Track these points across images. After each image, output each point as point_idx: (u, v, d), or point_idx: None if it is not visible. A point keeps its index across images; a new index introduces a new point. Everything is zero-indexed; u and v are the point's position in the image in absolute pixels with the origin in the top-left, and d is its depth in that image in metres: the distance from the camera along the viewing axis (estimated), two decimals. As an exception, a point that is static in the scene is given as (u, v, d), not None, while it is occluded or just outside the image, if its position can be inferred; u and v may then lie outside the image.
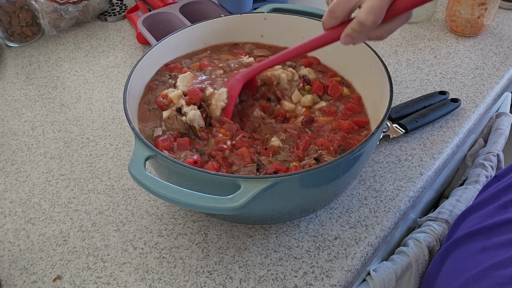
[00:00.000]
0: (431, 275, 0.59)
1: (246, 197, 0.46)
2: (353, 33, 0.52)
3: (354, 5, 0.51)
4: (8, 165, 0.71)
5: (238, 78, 0.64)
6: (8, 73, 0.91)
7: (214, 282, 0.55)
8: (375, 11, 0.49)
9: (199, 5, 0.97)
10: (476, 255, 0.50)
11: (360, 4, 0.50)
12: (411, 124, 0.71)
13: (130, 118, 0.55)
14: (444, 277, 0.54)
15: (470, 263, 0.50)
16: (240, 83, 0.64)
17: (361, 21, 0.50)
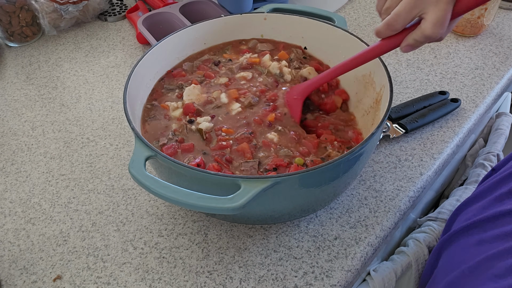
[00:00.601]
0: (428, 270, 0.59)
1: (246, 197, 0.46)
2: (416, 43, 0.52)
3: (414, 16, 0.50)
4: (8, 165, 0.71)
5: (296, 97, 0.63)
6: (8, 73, 0.91)
7: (214, 282, 0.55)
8: (442, 23, 0.49)
9: (199, 5, 0.97)
10: (472, 248, 0.50)
11: (422, 15, 0.50)
12: (411, 124, 0.71)
13: (130, 118, 0.55)
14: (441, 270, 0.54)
15: (466, 256, 0.50)
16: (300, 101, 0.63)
17: (428, 34, 0.50)
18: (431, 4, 0.48)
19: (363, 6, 1.03)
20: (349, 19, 0.99)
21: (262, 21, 0.74)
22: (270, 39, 0.76)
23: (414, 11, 0.50)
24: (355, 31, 0.95)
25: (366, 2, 1.05)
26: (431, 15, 0.49)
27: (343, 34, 0.68)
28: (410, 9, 0.50)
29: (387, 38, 0.54)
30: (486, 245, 0.48)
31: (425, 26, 0.50)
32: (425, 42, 0.51)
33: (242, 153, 0.58)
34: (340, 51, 0.71)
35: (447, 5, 0.48)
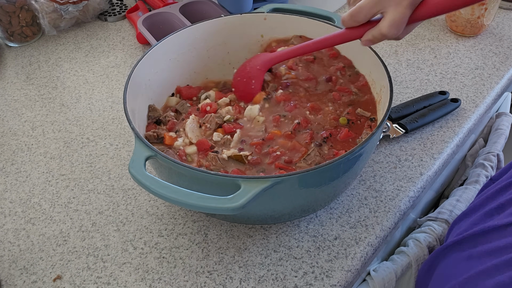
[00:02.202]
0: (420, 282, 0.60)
1: (246, 197, 0.46)
2: (374, 39, 0.55)
3: (376, 12, 0.54)
4: (8, 165, 0.71)
5: (260, 67, 0.66)
6: (8, 73, 0.91)
7: (214, 282, 0.55)
8: (398, 25, 0.52)
9: (199, 5, 0.97)
10: (463, 263, 0.50)
11: (382, 12, 0.53)
12: (411, 124, 0.71)
13: (130, 118, 0.55)
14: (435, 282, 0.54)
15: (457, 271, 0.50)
16: (262, 72, 0.66)
17: (384, 33, 0.53)
18: (392, 5, 0.51)
19: (363, 6, 1.03)
20: (349, 19, 0.99)
21: (262, 21, 0.74)
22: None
23: (376, 8, 0.53)
24: (355, 31, 0.95)
25: (366, 2, 1.05)
26: (389, 15, 0.52)
27: (343, 34, 0.68)
28: (372, 6, 0.53)
29: (351, 28, 0.57)
30: (475, 260, 0.49)
31: (383, 24, 0.53)
32: (382, 39, 0.54)
33: (296, 150, 0.59)
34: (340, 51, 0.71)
35: (406, 9, 0.51)
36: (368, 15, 0.54)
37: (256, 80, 0.66)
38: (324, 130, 0.62)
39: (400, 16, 0.52)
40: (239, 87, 0.69)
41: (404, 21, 0.52)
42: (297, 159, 0.58)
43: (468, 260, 0.50)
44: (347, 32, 0.58)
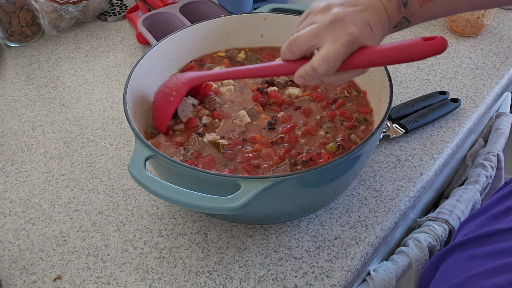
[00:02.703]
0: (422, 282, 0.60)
1: (246, 197, 0.46)
2: (306, 75, 0.51)
3: (312, 46, 0.50)
4: (8, 165, 0.71)
5: (185, 81, 0.62)
6: (8, 73, 0.91)
7: (214, 282, 0.55)
8: (329, 61, 0.48)
9: (199, 5, 0.97)
10: (465, 263, 0.50)
11: (319, 47, 0.50)
12: (411, 124, 0.71)
13: (130, 118, 0.55)
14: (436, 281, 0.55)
15: (458, 270, 0.50)
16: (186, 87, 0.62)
17: (314, 67, 0.49)
18: (329, 40, 0.48)
19: (363, 6, 1.03)
20: (349, 19, 0.99)
21: (262, 21, 0.74)
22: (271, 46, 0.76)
23: (313, 40, 0.49)
24: (355, 31, 0.95)
25: (366, 2, 1.05)
26: (323, 49, 0.49)
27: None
28: (310, 37, 0.49)
29: (288, 61, 0.53)
30: (477, 261, 0.49)
31: (315, 58, 0.49)
32: (313, 77, 0.50)
33: (269, 157, 0.58)
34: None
35: (342, 47, 0.48)
36: (304, 46, 0.50)
37: (177, 94, 0.62)
38: (306, 152, 0.59)
39: (334, 52, 0.48)
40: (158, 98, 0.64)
41: (337, 59, 0.48)
42: (267, 166, 0.57)
43: (469, 261, 0.50)
44: (283, 65, 0.54)
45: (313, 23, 0.50)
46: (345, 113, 0.65)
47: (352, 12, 0.48)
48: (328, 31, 0.48)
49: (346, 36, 0.47)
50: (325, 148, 0.60)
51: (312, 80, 0.52)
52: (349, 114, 0.65)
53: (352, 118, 0.64)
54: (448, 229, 0.70)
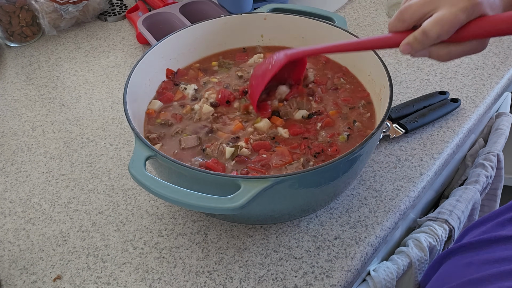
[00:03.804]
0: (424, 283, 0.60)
1: (246, 197, 0.46)
2: (414, 42, 0.47)
3: (426, 13, 0.46)
4: (8, 165, 0.71)
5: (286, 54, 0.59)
6: (8, 73, 0.91)
7: (214, 282, 0.55)
8: (444, 24, 0.44)
9: (199, 5, 0.97)
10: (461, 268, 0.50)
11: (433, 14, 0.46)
12: (411, 124, 0.71)
13: (130, 118, 0.55)
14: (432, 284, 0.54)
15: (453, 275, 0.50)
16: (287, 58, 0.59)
17: (425, 30, 0.45)
18: (445, 5, 0.44)
19: (363, 6, 1.03)
20: (349, 19, 0.99)
21: (262, 21, 0.74)
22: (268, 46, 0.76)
23: (427, 6, 0.46)
24: (355, 31, 0.95)
25: (366, 2, 1.05)
26: (439, 13, 0.45)
27: (343, 34, 0.68)
28: (423, 3, 0.46)
29: (396, 32, 0.50)
30: (473, 267, 0.48)
31: (427, 21, 0.45)
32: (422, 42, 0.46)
33: (282, 155, 0.58)
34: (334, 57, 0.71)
35: (460, 12, 0.44)
36: (417, 13, 0.46)
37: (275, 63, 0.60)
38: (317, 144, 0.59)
39: (451, 16, 0.44)
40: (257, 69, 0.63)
41: (452, 23, 0.44)
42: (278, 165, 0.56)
43: (466, 267, 0.50)
44: (390, 37, 0.50)
45: None
46: (348, 99, 0.66)
47: None
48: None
49: (466, 1, 0.44)
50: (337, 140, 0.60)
51: (421, 49, 0.47)
52: (351, 99, 0.66)
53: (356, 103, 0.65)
54: (448, 229, 0.70)
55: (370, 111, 0.64)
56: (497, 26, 0.44)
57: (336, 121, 0.63)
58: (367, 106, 0.65)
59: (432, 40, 0.46)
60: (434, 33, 0.45)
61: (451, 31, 0.45)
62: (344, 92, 0.67)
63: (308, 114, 0.63)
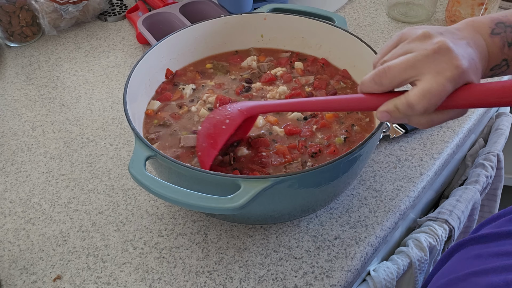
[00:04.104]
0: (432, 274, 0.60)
1: (246, 197, 0.46)
2: (395, 111, 0.44)
3: (407, 78, 0.43)
4: (8, 165, 0.71)
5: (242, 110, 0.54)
6: (8, 73, 0.91)
7: (214, 282, 0.55)
8: (431, 97, 0.41)
9: (199, 5, 0.97)
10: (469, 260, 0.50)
11: (415, 81, 0.42)
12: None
13: (130, 118, 0.55)
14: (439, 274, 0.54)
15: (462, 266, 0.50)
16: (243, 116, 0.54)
17: (411, 103, 0.42)
18: (430, 73, 0.41)
19: (363, 6, 1.03)
20: (349, 19, 0.99)
21: (262, 21, 0.74)
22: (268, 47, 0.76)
23: (409, 72, 0.42)
24: (355, 31, 0.95)
25: (366, 2, 1.05)
26: (424, 83, 0.41)
27: (343, 34, 0.68)
28: (405, 68, 0.42)
29: (369, 94, 0.46)
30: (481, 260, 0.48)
31: (413, 92, 0.42)
32: (405, 113, 0.43)
33: (282, 155, 0.58)
34: (340, 51, 0.71)
35: (447, 83, 0.41)
36: (397, 79, 0.43)
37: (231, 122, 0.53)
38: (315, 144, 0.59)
39: (438, 88, 0.40)
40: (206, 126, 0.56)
41: (440, 96, 0.41)
42: (278, 164, 0.57)
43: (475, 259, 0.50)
44: (363, 99, 0.46)
45: (408, 51, 0.43)
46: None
47: (460, 44, 0.42)
48: (430, 62, 0.41)
49: (453, 69, 0.41)
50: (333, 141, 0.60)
51: (401, 118, 0.45)
52: None
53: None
54: (448, 229, 0.70)
55: (369, 116, 0.64)
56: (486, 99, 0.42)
57: (332, 124, 0.62)
58: (366, 112, 0.64)
59: (418, 113, 0.43)
60: (421, 107, 0.42)
61: (438, 103, 0.42)
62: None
63: (304, 117, 0.63)
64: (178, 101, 0.67)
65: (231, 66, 0.73)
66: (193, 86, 0.69)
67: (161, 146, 0.60)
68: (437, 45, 0.42)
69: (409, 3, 0.98)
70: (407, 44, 0.44)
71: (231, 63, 0.74)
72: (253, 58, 0.73)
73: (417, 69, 0.42)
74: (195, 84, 0.70)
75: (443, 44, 0.41)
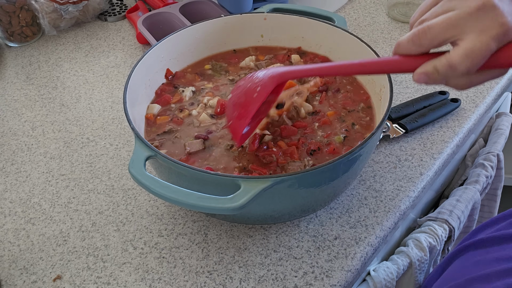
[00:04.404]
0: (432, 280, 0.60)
1: (246, 197, 0.46)
2: (434, 73, 0.42)
3: (448, 38, 0.41)
4: (8, 165, 0.71)
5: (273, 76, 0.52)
6: (8, 73, 0.91)
7: (214, 282, 0.55)
8: (474, 57, 0.40)
9: (199, 5, 0.97)
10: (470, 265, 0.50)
11: (457, 40, 0.41)
12: (411, 124, 0.71)
13: (130, 118, 0.55)
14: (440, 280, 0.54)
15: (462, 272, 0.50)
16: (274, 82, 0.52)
17: (453, 64, 0.40)
18: (473, 32, 0.39)
19: (363, 6, 1.03)
20: (349, 19, 0.99)
21: (262, 21, 0.74)
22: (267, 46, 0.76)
23: (451, 31, 0.40)
24: (355, 31, 0.95)
25: (366, 2, 1.05)
26: (467, 42, 0.40)
27: (343, 34, 0.68)
28: (447, 27, 0.40)
29: (406, 56, 0.44)
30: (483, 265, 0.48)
31: (455, 53, 0.40)
32: (445, 75, 0.42)
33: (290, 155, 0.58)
34: (340, 51, 0.71)
35: (491, 41, 0.39)
36: (437, 38, 0.41)
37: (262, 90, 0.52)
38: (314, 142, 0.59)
39: (482, 47, 0.39)
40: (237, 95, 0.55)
41: (484, 55, 0.39)
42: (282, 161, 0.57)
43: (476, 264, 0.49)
44: (400, 60, 0.44)
45: (449, 9, 0.41)
46: (347, 102, 0.65)
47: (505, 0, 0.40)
48: (474, 20, 0.39)
49: (498, 27, 0.39)
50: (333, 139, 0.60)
51: (439, 80, 0.43)
52: (351, 102, 0.66)
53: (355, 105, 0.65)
54: (448, 229, 0.70)
55: (369, 115, 0.64)
56: None
57: (333, 122, 0.63)
58: (367, 110, 0.64)
59: (459, 74, 0.41)
60: (463, 67, 0.40)
61: (481, 64, 0.40)
62: (346, 94, 0.67)
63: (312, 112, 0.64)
64: (178, 104, 0.67)
65: (230, 66, 0.73)
66: (192, 89, 0.69)
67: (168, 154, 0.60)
68: (481, 1, 0.39)
69: (409, 3, 0.98)
70: (448, 1, 0.42)
71: (230, 63, 0.74)
72: (251, 58, 0.73)
73: (460, 27, 0.40)
74: (195, 86, 0.70)
75: (487, 1, 0.39)
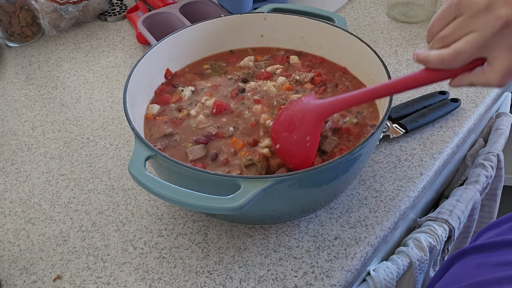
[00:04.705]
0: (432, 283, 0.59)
1: (246, 197, 0.46)
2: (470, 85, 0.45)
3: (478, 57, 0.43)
4: (8, 165, 0.71)
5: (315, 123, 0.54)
6: (8, 73, 0.91)
7: (214, 282, 0.55)
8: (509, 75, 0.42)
9: (199, 5, 0.97)
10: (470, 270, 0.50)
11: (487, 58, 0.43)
12: (411, 124, 0.71)
13: (130, 118, 0.55)
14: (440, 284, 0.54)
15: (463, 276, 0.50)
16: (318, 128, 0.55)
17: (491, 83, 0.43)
18: (503, 49, 0.41)
19: (363, 6, 1.03)
20: (349, 19, 0.99)
21: (262, 21, 0.74)
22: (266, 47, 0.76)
23: (480, 53, 0.42)
24: (355, 31, 0.95)
25: (366, 2, 1.05)
26: (501, 62, 0.41)
27: (343, 34, 0.68)
28: (476, 51, 0.42)
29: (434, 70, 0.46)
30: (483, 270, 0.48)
31: (492, 75, 0.42)
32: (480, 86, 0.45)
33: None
34: (340, 51, 0.71)
35: None
36: (468, 60, 0.43)
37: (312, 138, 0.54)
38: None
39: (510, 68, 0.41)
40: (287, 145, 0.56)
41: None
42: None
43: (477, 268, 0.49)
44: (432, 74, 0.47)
45: (472, 30, 0.42)
46: None
47: None
48: (500, 38, 0.41)
49: None
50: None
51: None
52: None
53: None
54: (448, 229, 0.70)
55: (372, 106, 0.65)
56: None
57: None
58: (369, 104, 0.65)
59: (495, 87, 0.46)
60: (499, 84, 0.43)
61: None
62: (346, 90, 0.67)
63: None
64: (177, 104, 0.67)
65: (229, 66, 0.73)
66: (192, 88, 0.68)
67: None
68: (503, 20, 0.40)
69: (409, 3, 0.98)
70: (468, 19, 0.42)
71: (228, 63, 0.74)
72: (250, 59, 0.73)
73: (488, 48, 0.42)
74: (194, 86, 0.70)
75: (509, 18, 0.40)
